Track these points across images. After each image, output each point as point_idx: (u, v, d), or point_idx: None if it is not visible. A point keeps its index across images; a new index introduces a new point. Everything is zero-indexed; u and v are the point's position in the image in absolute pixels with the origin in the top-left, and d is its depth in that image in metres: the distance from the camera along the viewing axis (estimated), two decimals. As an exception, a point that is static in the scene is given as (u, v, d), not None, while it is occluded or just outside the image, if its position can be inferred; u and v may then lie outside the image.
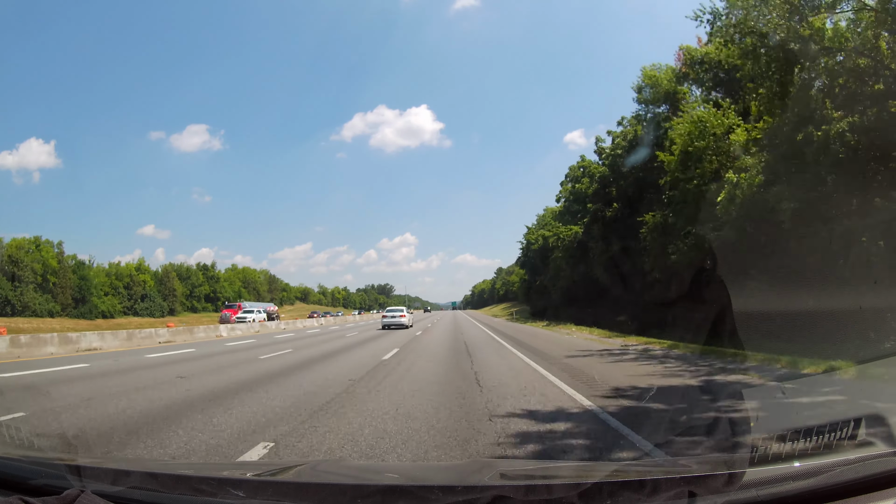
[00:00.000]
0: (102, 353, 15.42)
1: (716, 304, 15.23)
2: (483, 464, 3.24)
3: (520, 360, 11.85)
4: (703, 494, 1.44)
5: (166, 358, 13.32)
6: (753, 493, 1.44)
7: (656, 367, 9.99)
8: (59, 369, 10.75)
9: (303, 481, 1.93)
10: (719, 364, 10.01)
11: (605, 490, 1.47)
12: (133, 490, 1.64)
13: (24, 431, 3.62)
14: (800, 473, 1.54)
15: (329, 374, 9.58)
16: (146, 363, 12.10)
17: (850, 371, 7.94)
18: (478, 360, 11.77)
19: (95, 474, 1.79)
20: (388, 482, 1.94)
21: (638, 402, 6.43)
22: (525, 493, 1.51)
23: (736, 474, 1.50)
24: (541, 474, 2.27)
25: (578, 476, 2.11)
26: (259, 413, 5.97)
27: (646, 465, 3.00)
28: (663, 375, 8.84)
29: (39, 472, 1.80)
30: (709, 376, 8.49)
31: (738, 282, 13.78)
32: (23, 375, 9.76)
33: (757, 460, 1.84)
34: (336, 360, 12.34)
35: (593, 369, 9.67)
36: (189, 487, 1.70)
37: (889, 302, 9.86)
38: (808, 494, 1.45)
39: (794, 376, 8.08)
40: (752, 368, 9.09)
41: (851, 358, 8.81)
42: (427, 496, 1.50)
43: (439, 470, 2.98)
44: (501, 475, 1.82)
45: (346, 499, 1.59)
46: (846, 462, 1.57)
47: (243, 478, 1.98)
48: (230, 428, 5.23)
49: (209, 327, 27.15)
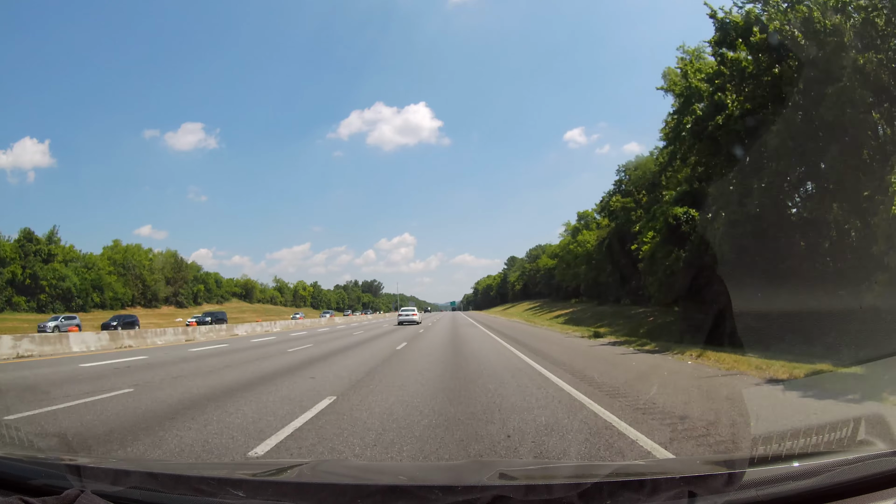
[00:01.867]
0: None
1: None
2: (483, 464, 3.25)
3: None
4: (703, 494, 1.44)
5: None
6: (753, 493, 1.44)
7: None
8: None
9: (303, 481, 1.93)
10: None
11: (605, 490, 1.47)
12: (133, 490, 1.65)
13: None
14: (800, 473, 1.54)
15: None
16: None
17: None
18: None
19: (95, 474, 1.80)
20: (388, 482, 1.94)
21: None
22: (525, 493, 1.51)
23: (736, 474, 1.51)
24: (541, 474, 2.28)
25: (578, 476, 2.11)
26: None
27: (646, 465, 3.00)
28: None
29: (39, 472, 1.81)
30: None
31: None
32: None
33: (757, 460, 1.84)
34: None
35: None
36: (189, 487, 1.70)
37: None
38: (807, 494, 1.45)
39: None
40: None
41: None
42: (427, 496, 1.50)
43: (439, 470, 2.98)
44: (501, 475, 1.82)
45: (346, 499, 1.59)
46: (846, 462, 1.57)
47: (243, 478, 1.98)
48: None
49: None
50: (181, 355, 14.81)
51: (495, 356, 12.53)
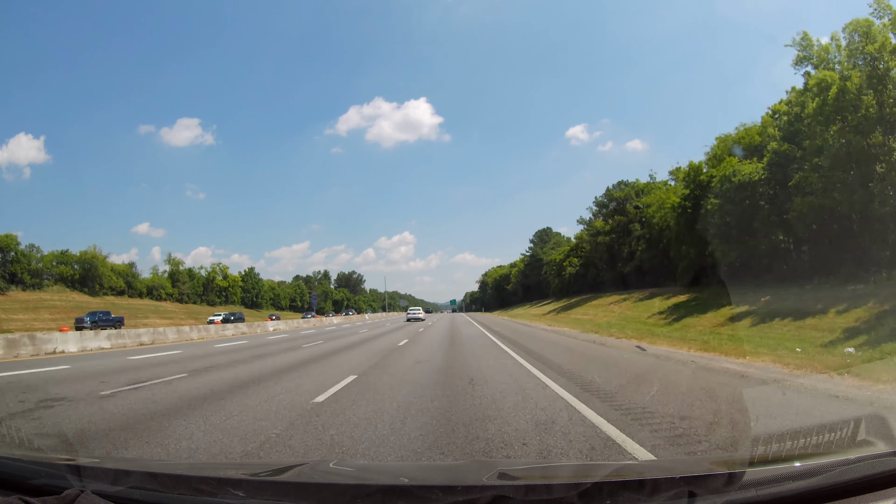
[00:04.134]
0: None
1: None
2: (483, 464, 3.25)
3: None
4: (702, 494, 1.44)
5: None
6: (753, 493, 1.44)
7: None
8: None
9: (303, 481, 1.93)
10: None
11: (605, 490, 1.47)
12: (133, 490, 1.65)
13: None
14: (800, 473, 1.54)
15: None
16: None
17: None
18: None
19: (95, 474, 1.80)
20: (388, 482, 1.94)
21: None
22: (525, 493, 1.51)
23: (736, 474, 1.51)
24: (541, 474, 2.28)
25: (578, 476, 2.12)
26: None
27: (646, 465, 3.01)
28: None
29: (39, 471, 1.81)
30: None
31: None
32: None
33: (757, 460, 1.85)
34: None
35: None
36: (189, 487, 1.71)
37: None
38: (808, 494, 1.45)
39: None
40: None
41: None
42: (427, 496, 1.50)
43: (439, 470, 2.98)
44: (501, 475, 1.82)
45: (346, 499, 1.59)
46: (846, 462, 1.57)
47: (243, 478, 1.98)
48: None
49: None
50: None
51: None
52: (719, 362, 9.94)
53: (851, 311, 18.47)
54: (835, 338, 15.64)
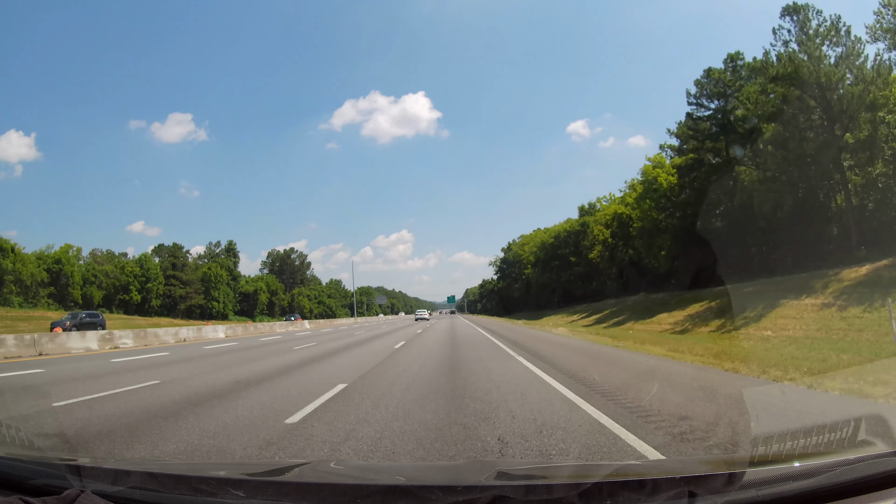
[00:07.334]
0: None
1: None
2: (483, 464, 3.24)
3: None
4: (703, 494, 1.44)
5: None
6: (753, 493, 1.44)
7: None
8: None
9: (303, 481, 1.93)
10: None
11: (605, 490, 1.47)
12: (133, 490, 1.65)
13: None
14: (800, 473, 1.54)
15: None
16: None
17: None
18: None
19: (95, 474, 1.80)
20: (388, 482, 1.94)
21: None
22: (525, 493, 1.51)
23: (736, 474, 1.51)
24: (541, 474, 2.27)
25: (578, 476, 2.11)
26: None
27: (646, 465, 3.00)
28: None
29: (39, 472, 1.81)
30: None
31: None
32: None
33: (757, 460, 1.84)
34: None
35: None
36: (189, 487, 1.71)
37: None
38: (808, 494, 1.45)
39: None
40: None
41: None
42: (427, 496, 1.50)
43: (439, 470, 2.98)
44: (502, 475, 1.82)
45: (346, 499, 1.59)
46: (846, 462, 1.57)
47: (243, 478, 1.98)
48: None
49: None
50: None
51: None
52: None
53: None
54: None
